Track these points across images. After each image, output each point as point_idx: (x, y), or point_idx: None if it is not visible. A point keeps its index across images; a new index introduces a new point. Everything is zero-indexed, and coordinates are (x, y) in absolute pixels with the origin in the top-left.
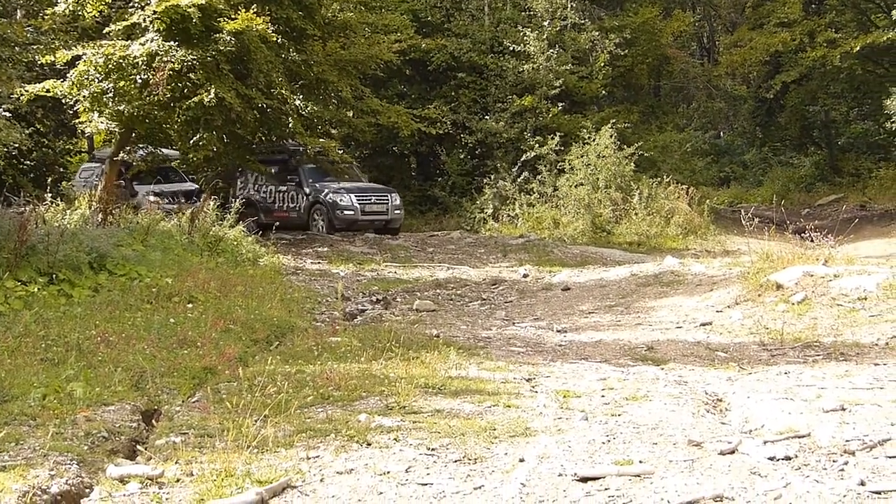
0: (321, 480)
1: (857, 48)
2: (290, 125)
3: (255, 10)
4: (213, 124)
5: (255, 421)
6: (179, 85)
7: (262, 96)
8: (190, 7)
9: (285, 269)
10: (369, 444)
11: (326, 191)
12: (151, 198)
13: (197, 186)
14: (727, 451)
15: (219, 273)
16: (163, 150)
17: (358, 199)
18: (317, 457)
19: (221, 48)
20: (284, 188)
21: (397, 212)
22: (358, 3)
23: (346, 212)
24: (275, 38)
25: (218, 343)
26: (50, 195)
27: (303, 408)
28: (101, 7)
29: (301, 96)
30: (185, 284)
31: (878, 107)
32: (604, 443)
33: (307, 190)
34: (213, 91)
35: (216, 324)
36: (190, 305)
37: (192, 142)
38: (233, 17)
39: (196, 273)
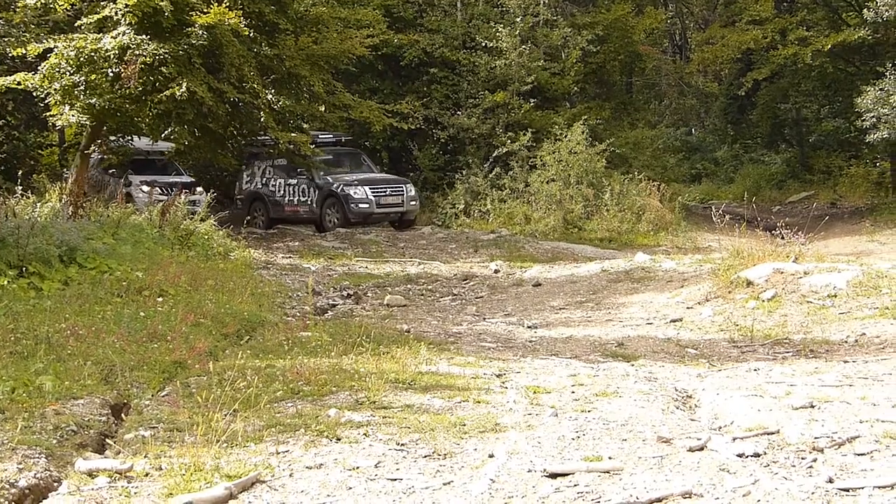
0: (290, 475)
1: (829, 46)
2: (262, 119)
3: (228, 4)
4: (185, 118)
5: (225, 415)
6: (151, 78)
7: (233, 90)
8: (162, 0)
9: (256, 263)
10: (339, 439)
11: (339, 183)
12: (145, 188)
13: (193, 179)
14: (696, 447)
15: (189, 267)
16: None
17: (373, 192)
18: (286, 451)
19: (193, 42)
20: (294, 181)
21: (413, 203)
22: None
23: (360, 205)
24: (247, 32)
25: (188, 337)
26: (20, 188)
27: (272, 402)
28: (73, 0)
29: (273, 90)
30: (155, 278)
31: (848, 105)
32: (573, 439)
33: (319, 182)
34: (184, 85)
35: (186, 318)
36: (160, 299)
37: (163, 135)
38: (205, 10)
39: (167, 267)
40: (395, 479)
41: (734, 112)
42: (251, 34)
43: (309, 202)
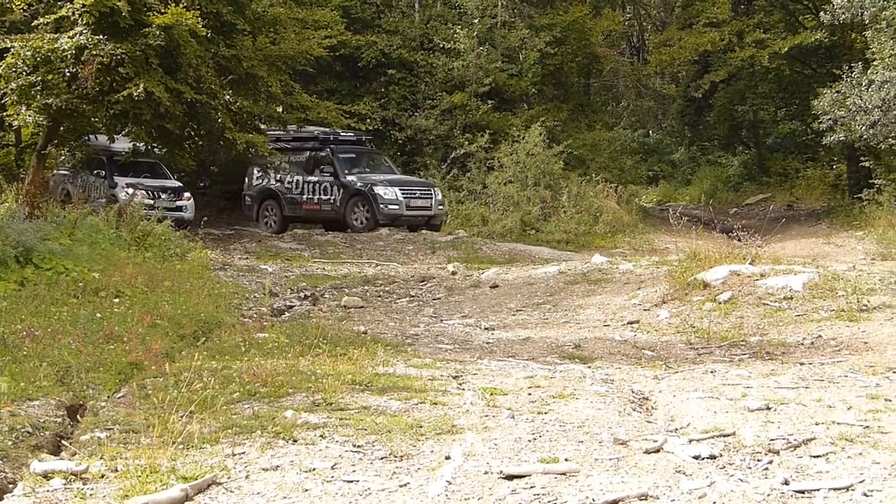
0: (246, 477)
1: (786, 49)
2: (220, 120)
3: (185, 4)
4: (142, 118)
5: (181, 417)
6: (108, 79)
7: (191, 91)
8: (119, 1)
9: (213, 264)
10: (295, 441)
11: (368, 183)
12: (130, 190)
13: (181, 184)
14: (653, 449)
15: (146, 268)
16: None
17: (403, 193)
18: (242, 453)
19: (151, 42)
20: (315, 179)
21: (440, 208)
22: None
23: (390, 206)
24: (205, 33)
25: (144, 338)
26: None
27: (229, 404)
28: (30, 0)
29: (230, 91)
30: (112, 279)
31: (805, 107)
32: (530, 441)
33: (344, 181)
34: (141, 85)
35: (143, 319)
36: (117, 300)
37: (120, 136)
38: (162, 11)
39: (123, 267)
40: (352, 481)
41: (691, 114)
42: (209, 34)
43: (332, 201)
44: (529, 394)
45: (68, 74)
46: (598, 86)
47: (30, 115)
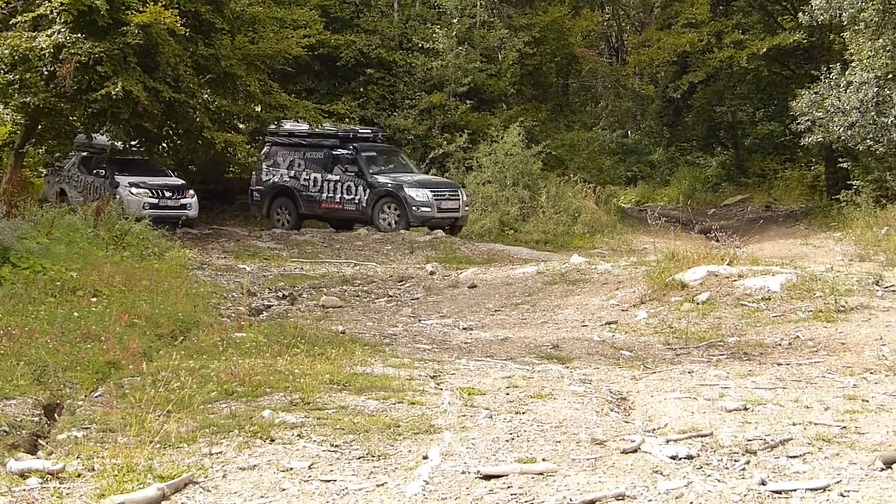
0: (224, 476)
1: (764, 50)
2: (198, 119)
3: (164, 3)
4: (120, 117)
5: (158, 416)
6: (86, 77)
7: (169, 90)
8: None
9: (191, 263)
10: (273, 440)
11: (398, 183)
12: (134, 190)
13: (183, 182)
14: (630, 449)
15: (124, 267)
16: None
17: (434, 195)
18: (219, 452)
19: (129, 41)
20: (336, 177)
21: (466, 209)
22: None
23: (422, 208)
24: (183, 32)
25: (122, 337)
26: None
27: (206, 403)
28: None
29: (209, 90)
30: (89, 278)
31: (783, 108)
32: (508, 441)
33: (371, 181)
34: (119, 84)
35: (120, 318)
36: (94, 299)
37: (98, 135)
38: (141, 9)
39: (101, 267)
40: (329, 481)
41: (670, 115)
42: (187, 33)
43: (357, 200)
44: (507, 394)
45: (46, 73)
46: (577, 86)
47: (7, 114)
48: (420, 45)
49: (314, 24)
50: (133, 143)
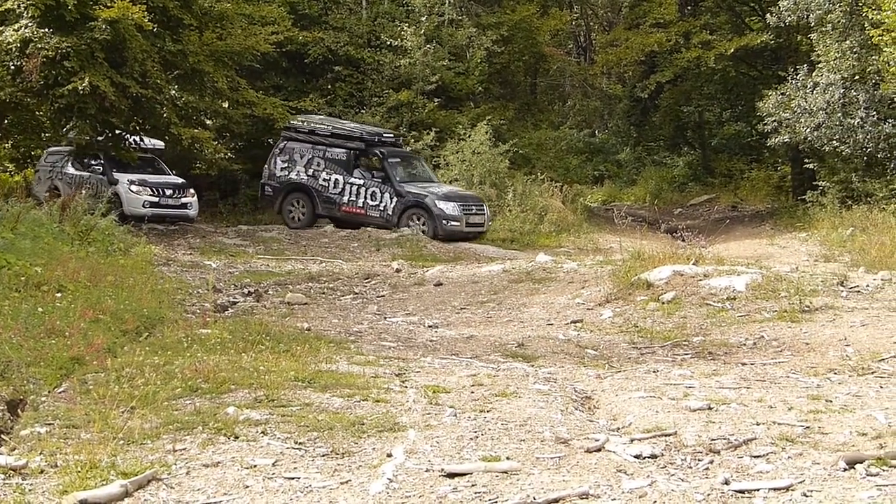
0: (187, 473)
1: (732, 50)
2: (165, 115)
3: None
4: (87, 112)
5: (122, 412)
6: (53, 72)
7: (136, 85)
8: None
9: (157, 259)
10: (237, 438)
11: (431, 196)
12: (134, 188)
13: (183, 181)
14: (594, 448)
15: (89, 262)
16: (151, 140)
17: (462, 209)
18: (183, 449)
19: (97, 36)
20: (360, 181)
21: (489, 223)
22: None
23: (452, 222)
24: (151, 27)
25: (86, 333)
26: None
27: (171, 400)
28: None
29: (176, 86)
30: (54, 273)
31: (750, 109)
32: (472, 439)
33: (399, 190)
34: (87, 79)
35: (85, 314)
36: (59, 295)
37: (64, 130)
38: (108, 4)
39: (66, 262)
40: (293, 478)
41: (637, 114)
42: (155, 29)
43: (383, 208)
44: (472, 392)
45: (13, 67)
46: (545, 85)
47: None
48: (388, 42)
49: (282, 21)
50: (99, 138)
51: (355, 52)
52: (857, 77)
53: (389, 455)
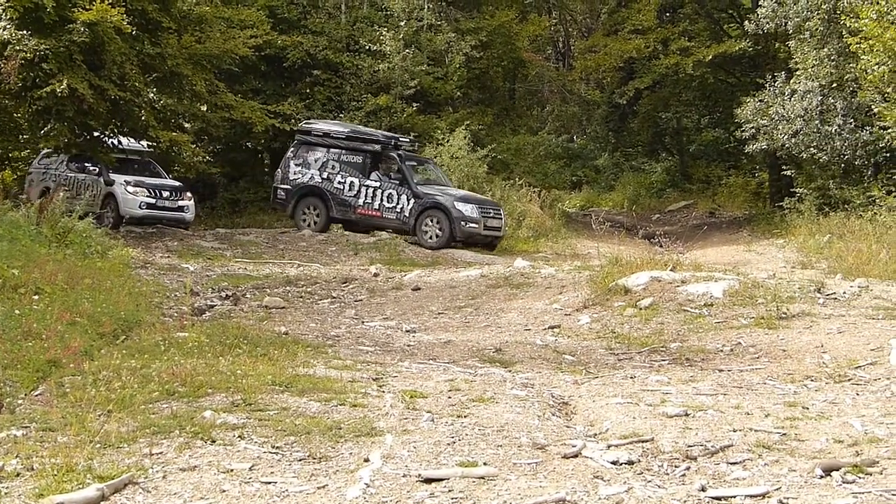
0: (164, 477)
1: (710, 57)
2: (143, 118)
3: (111, 0)
4: (65, 115)
5: (99, 416)
6: (31, 74)
7: (115, 88)
8: None
9: (135, 262)
10: (214, 441)
11: (449, 197)
12: (130, 188)
13: (181, 183)
14: (571, 454)
15: (66, 265)
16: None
17: (480, 211)
18: (160, 453)
19: (75, 38)
20: (377, 184)
21: (505, 229)
22: None
23: (470, 224)
24: (129, 30)
25: (63, 336)
26: None
27: (147, 403)
28: None
29: (155, 89)
30: (31, 275)
31: (728, 115)
32: (449, 444)
33: (416, 192)
34: (65, 81)
35: (62, 316)
36: (36, 297)
37: (42, 132)
38: (87, 7)
39: (43, 264)
40: (270, 483)
41: (616, 120)
42: (134, 32)
43: (399, 210)
44: (449, 397)
45: None
46: (524, 90)
47: None
48: (367, 47)
49: (261, 25)
50: (78, 140)
51: (334, 57)
52: (834, 84)
53: (366, 460)
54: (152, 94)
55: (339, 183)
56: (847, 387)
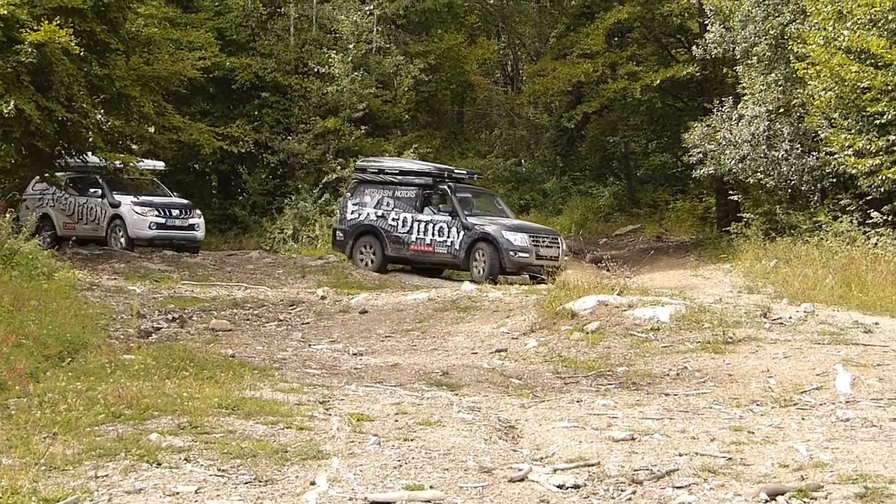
0: (109, 500)
1: (658, 82)
2: (91, 139)
3: (59, 21)
4: (12, 136)
5: (44, 438)
6: None
7: (62, 109)
8: None
9: (81, 284)
10: (159, 464)
11: (496, 227)
12: (138, 209)
13: (188, 202)
14: (517, 478)
15: (12, 286)
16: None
17: (532, 240)
18: (105, 476)
19: (23, 59)
20: (428, 218)
21: (566, 258)
22: (163, 19)
23: (520, 254)
24: (78, 52)
25: (9, 358)
26: None
27: (93, 426)
28: None
29: (103, 110)
30: None
31: (676, 140)
32: (396, 467)
33: (466, 223)
34: (12, 102)
35: (7, 338)
36: None
37: None
38: (35, 28)
39: None
40: None
41: (564, 144)
42: (82, 53)
43: (450, 243)
44: (396, 420)
45: None
46: (472, 114)
47: None
48: (316, 69)
49: (210, 47)
50: (25, 161)
51: (283, 79)
52: (781, 110)
53: (313, 483)
54: (100, 116)
55: (393, 220)
56: (793, 411)
